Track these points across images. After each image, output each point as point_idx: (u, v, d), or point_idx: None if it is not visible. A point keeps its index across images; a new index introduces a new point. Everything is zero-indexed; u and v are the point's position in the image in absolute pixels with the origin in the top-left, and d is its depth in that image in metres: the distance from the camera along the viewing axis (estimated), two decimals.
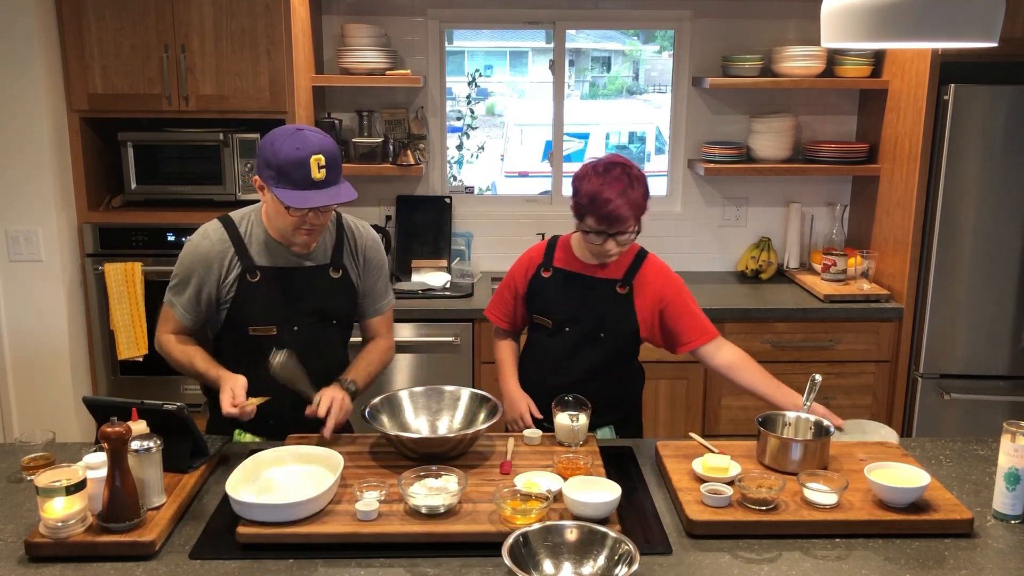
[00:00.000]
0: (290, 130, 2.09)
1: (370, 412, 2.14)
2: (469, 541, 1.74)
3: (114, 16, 3.33)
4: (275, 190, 2.07)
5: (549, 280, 2.42)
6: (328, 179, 2.08)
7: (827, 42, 1.92)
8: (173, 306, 2.25)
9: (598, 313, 2.38)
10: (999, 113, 3.27)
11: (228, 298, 2.22)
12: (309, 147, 2.05)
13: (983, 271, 3.39)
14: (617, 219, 2.21)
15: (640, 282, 2.39)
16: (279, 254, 2.23)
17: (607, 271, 2.39)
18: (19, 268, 3.39)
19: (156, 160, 3.53)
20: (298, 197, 2.05)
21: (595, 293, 2.38)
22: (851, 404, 3.55)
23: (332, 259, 2.29)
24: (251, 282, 2.21)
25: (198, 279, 2.21)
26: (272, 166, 2.06)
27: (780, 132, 3.80)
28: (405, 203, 3.97)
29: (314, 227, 2.15)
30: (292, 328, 2.24)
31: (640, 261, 2.41)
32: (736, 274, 4.06)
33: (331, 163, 2.09)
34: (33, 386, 3.47)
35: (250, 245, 2.22)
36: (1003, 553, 1.76)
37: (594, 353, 2.39)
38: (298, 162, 2.04)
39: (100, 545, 1.71)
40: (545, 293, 2.43)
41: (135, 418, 1.90)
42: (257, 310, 2.22)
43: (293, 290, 2.24)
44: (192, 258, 2.22)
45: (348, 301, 2.34)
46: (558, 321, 2.41)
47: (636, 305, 2.38)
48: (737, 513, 1.83)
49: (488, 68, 8.48)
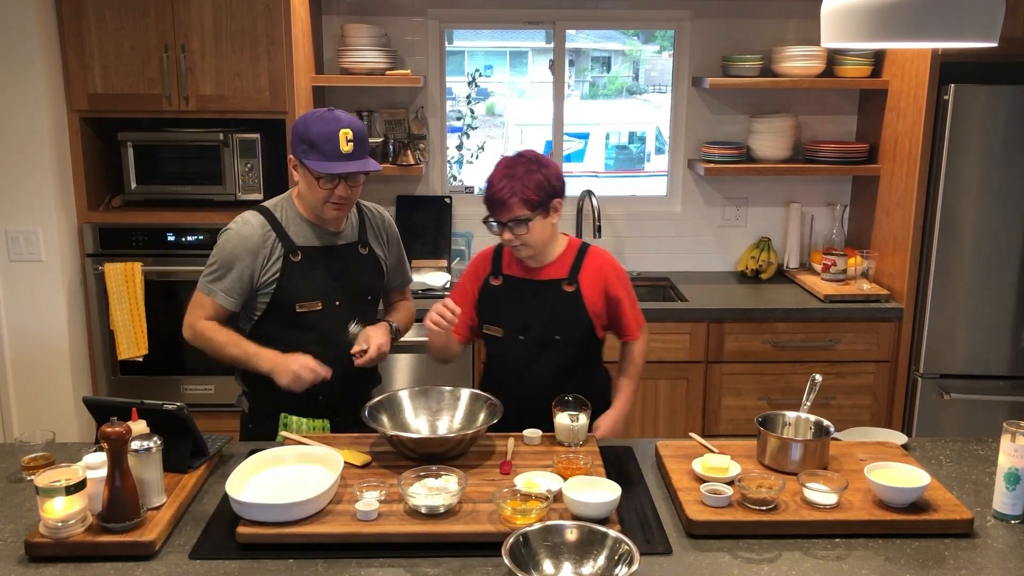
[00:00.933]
0: (321, 110, 2.29)
1: (370, 412, 2.14)
2: (469, 541, 1.74)
3: (114, 16, 3.33)
4: (307, 162, 2.23)
5: (499, 288, 2.40)
6: (355, 152, 2.25)
7: (827, 42, 1.92)
8: (212, 293, 2.31)
9: (548, 316, 2.34)
10: (999, 113, 3.27)
11: (273, 279, 2.31)
12: (339, 122, 2.23)
13: (983, 271, 3.39)
14: (499, 203, 2.22)
15: (585, 276, 2.36)
16: (315, 234, 2.36)
17: (552, 271, 2.36)
18: (19, 268, 3.39)
19: (156, 160, 3.53)
20: (328, 166, 2.21)
21: (542, 297, 2.35)
22: (851, 404, 3.55)
23: (360, 237, 2.44)
24: (294, 262, 2.31)
25: (242, 264, 2.29)
26: (305, 140, 2.23)
27: (780, 132, 3.80)
28: (405, 203, 3.97)
29: (343, 201, 2.28)
30: (334, 303, 2.36)
31: (583, 255, 2.39)
32: (736, 274, 4.06)
33: (358, 138, 2.26)
34: (33, 386, 3.47)
35: (288, 228, 2.33)
36: (1003, 553, 1.76)
37: (553, 357, 2.36)
38: (328, 135, 2.21)
39: (100, 545, 1.71)
40: (494, 302, 2.40)
41: (135, 418, 1.90)
42: (303, 287, 2.32)
43: (333, 267, 2.37)
44: (235, 244, 2.29)
45: (378, 276, 2.49)
46: (509, 330, 2.37)
47: (585, 300, 2.35)
48: (737, 513, 1.83)
49: (488, 68, 8.48)
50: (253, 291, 2.32)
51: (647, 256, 4.12)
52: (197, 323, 2.33)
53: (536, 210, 2.24)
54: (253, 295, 2.33)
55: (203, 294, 2.32)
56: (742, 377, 3.54)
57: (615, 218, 4.08)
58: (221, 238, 2.33)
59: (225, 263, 2.29)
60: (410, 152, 3.73)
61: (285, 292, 2.31)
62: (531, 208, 2.23)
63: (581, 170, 7.84)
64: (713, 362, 3.52)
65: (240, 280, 2.29)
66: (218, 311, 2.32)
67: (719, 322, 3.49)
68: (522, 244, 2.28)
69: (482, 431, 2.09)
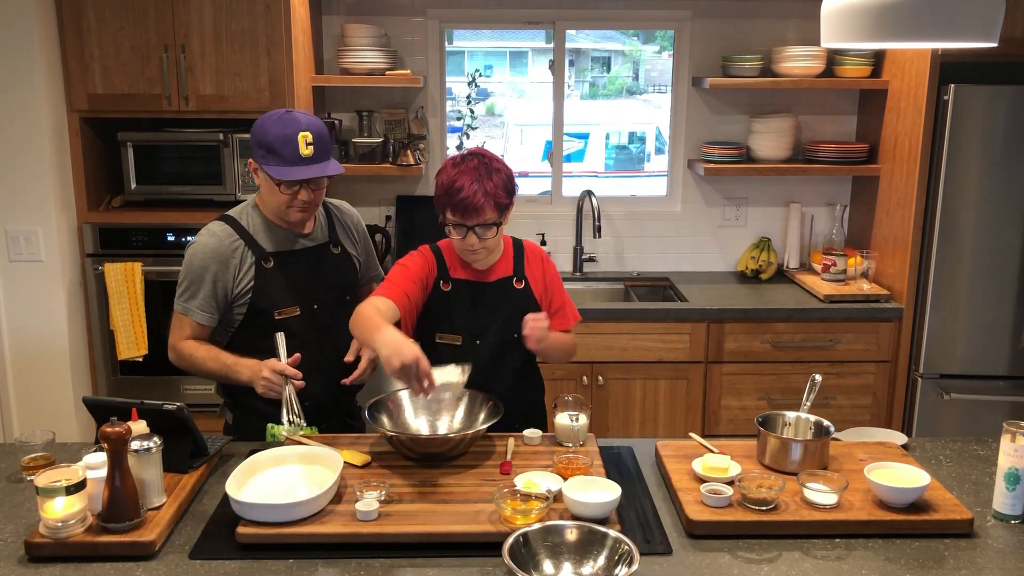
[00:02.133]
0: (279, 112, 2.22)
1: (370, 412, 2.14)
2: (469, 541, 1.74)
3: (114, 16, 3.34)
4: (266, 167, 2.18)
5: (450, 294, 2.29)
6: (316, 155, 2.19)
7: (827, 42, 1.92)
8: (188, 312, 2.26)
9: (504, 315, 2.28)
10: (999, 113, 3.27)
11: (248, 289, 2.26)
12: (296, 125, 2.17)
13: (983, 271, 3.39)
14: (472, 207, 2.13)
15: (528, 269, 2.33)
16: (283, 238, 2.32)
17: (500, 270, 2.32)
18: (19, 268, 3.39)
19: (156, 160, 3.53)
20: (286, 172, 2.16)
21: (496, 298, 2.30)
22: (851, 404, 3.55)
23: (330, 237, 2.41)
24: (267, 268, 2.27)
25: (212, 276, 2.24)
26: (263, 144, 2.18)
27: (780, 132, 3.80)
28: (405, 203, 3.97)
29: (307, 204, 2.24)
30: (313, 307, 2.32)
31: (522, 250, 2.36)
32: (736, 274, 4.06)
33: (319, 140, 2.19)
34: (33, 386, 3.47)
35: (255, 235, 2.29)
36: (1003, 553, 1.76)
37: (518, 357, 2.31)
38: (285, 139, 2.15)
39: (100, 545, 1.71)
40: (447, 309, 2.29)
41: (135, 418, 1.90)
42: (279, 294, 2.28)
43: (306, 270, 2.33)
44: (204, 256, 2.24)
45: (352, 275, 2.46)
46: (466, 336, 2.29)
47: (535, 294, 2.32)
48: (737, 513, 1.83)
49: (488, 68, 8.48)
50: (228, 303, 2.27)
51: (647, 256, 4.12)
52: (178, 344, 2.29)
53: (503, 213, 2.22)
54: (229, 307, 2.28)
55: (180, 314, 2.28)
56: (742, 377, 3.54)
57: (615, 218, 4.08)
58: (188, 253, 2.27)
59: (195, 278, 2.25)
60: (410, 152, 3.73)
61: (261, 300, 2.26)
62: (500, 211, 2.20)
63: (581, 170, 7.83)
64: (713, 362, 3.52)
65: (214, 294, 2.25)
66: (196, 330, 2.28)
67: (719, 322, 3.49)
68: (483, 247, 2.23)
69: (482, 431, 2.09)
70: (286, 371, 2.18)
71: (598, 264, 4.11)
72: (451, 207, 2.17)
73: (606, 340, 3.48)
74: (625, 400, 3.54)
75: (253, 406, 2.32)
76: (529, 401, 2.40)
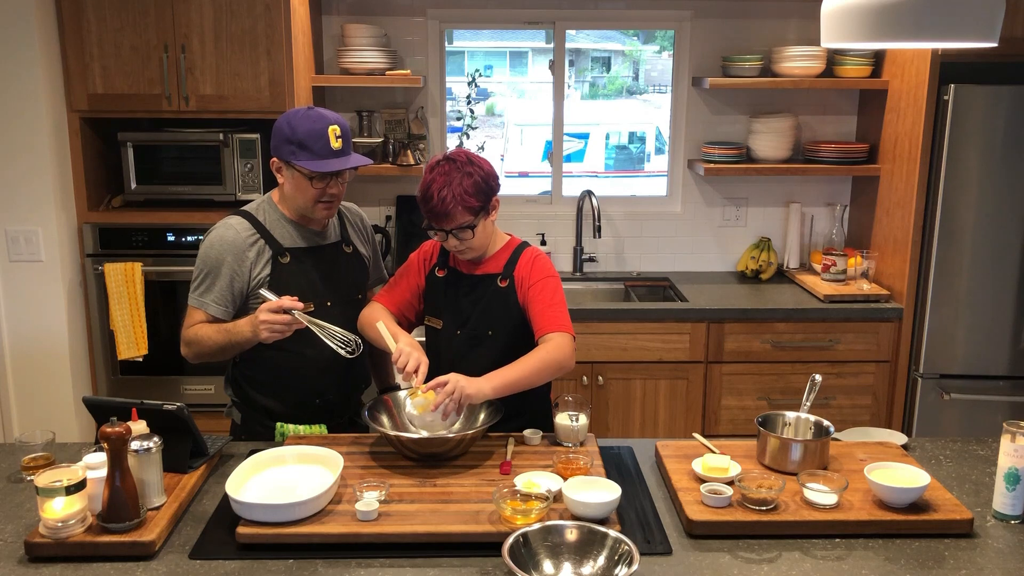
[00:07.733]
0: (302, 109, 2.24)
1: (370, 412, 2.14)
2: (469, 541, 1.74)
3: (114, 16, 3.34)
4: (297, 163, 2.18)
5: (442, 280, 2.36)
6: (344, 148, 2.24)
7: (827, 42, 1.92)
8: (203, 305, 2.25)
9: (481, 310, 2.31)
10: (999, 113, 3.27)
11: (264, 283, 2.26)
12: (326, 120, 2.21)
13: (983, 271, 3.39)
14: (441, 214, 2.16)
15: (517, 273, 2.33)
16: (300, 235, 2.33)
17: (490, 267, 2.33)
18: (19, 268, 3.39)
19: (156, 160, 3.53)
20: (321, 165, 2.18)
21: (478, 291, 2.32)
22: (851, 404, 3.56)
23: (342, 236, 2.43)
24: (283, 263, 2.28)
25: (229, 269, 2.24)
26: (292, 141, 2.19)
27: (780, 132, 3.80)
28: (405, 203, 3.97)
29: (333, 199, 2.27)
30: (326, 303, 2.33)
31: (519, 253, 2.35)
32: (736, 274, 4.07)
33: (346, 134, 2.25)
34: (33, 386, 3.47)
35: (272, 230, 2.30)
36: (1003, 553, 1.76)
37: (486, 353, 2.29)
38: (318, 134, 2.18)
39: (100, 545, 1.71)
40: (437, 294, 2.36)
41: (135, 418, 1.90)
42: (295, 288, 2.27)
43: (321, 267, 2.34)
44: (220, 249, 2.24)
45: (363, 274, 2.48)
46: (447, 324, 2.33)
47: (518, 297, 2.31)
48: (737, 513, 1.83)
49: (488, 68, 8.48)
50: (244, 296, 2.27)
51: (647, 256, 4.12)
52: (187, 331, 2.27)
53: (478, 215, 2.21)
54: (244, 301, 2.28)
55: (194, 308, 2.27)
56: (742, 377, 3.54)
57: (615, 218, 4.08)
58: (203, 245, 2.27)
59: (212, 269, 2.24)
60: (410, 152, 3.73)
61: (277, 294, 2.25)
62: (474, 213, 2.19)
63: (581, 170, 7.83)
64: (713, 362, 3.52)
65: (230, 286, 2.24)
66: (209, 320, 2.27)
67: (719, 322, 3.50)
68: (467, 248, 2.25)
69: (482, 431, 2.09)
70: (282, 303, 2.13)
71: (598, 264, 4.11)
72: (425, 213, 2.22)
73: (606, 340, 3.48)
74: (625, 400, 3.54)
75: (262, 405, 2.33)
76: (528, 400, 2.39)
